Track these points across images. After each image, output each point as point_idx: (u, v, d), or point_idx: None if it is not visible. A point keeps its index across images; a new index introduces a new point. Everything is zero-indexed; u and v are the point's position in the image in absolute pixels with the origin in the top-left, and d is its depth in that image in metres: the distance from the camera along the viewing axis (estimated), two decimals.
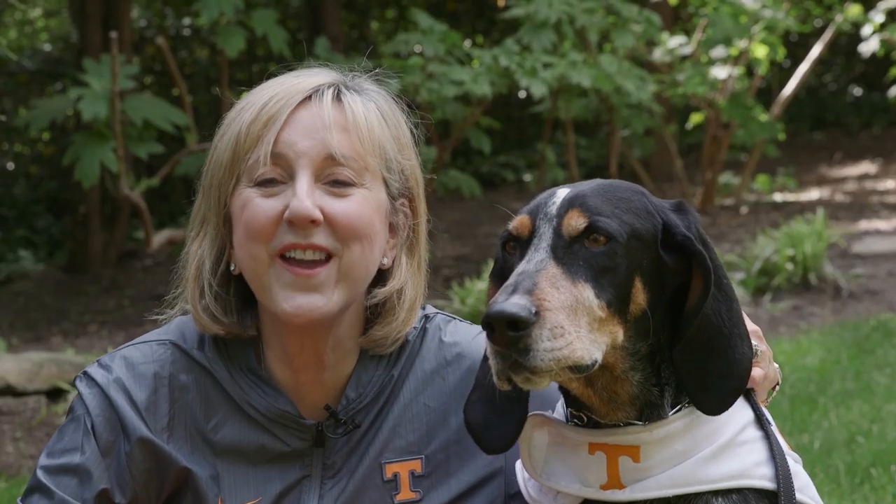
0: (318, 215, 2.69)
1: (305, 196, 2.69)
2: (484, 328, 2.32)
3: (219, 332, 2.86)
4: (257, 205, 2.73)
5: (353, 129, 2.76)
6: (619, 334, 2.44)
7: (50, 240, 18.33)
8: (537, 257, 2.41)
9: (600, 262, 2.42)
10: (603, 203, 2.48)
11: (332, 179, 2.74)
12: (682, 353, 2.49)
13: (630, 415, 2.54)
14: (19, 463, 7.42)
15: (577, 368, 2.35)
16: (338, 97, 2.80)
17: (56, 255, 17.66)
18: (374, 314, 2.90)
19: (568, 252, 2.43)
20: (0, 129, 19.38)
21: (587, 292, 2.39)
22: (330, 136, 2.74)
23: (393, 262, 2.90)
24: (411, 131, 2.94)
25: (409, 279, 2.91)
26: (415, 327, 2.98)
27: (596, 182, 2.57)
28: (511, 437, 2.63)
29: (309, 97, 2.78)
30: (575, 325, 2.35)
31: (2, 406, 8.51)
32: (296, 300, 2.72)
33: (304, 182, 2.71)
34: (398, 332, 2.90)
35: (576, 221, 2.45)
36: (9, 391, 8.65)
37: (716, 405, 2.50)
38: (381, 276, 2.88)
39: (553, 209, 2.48)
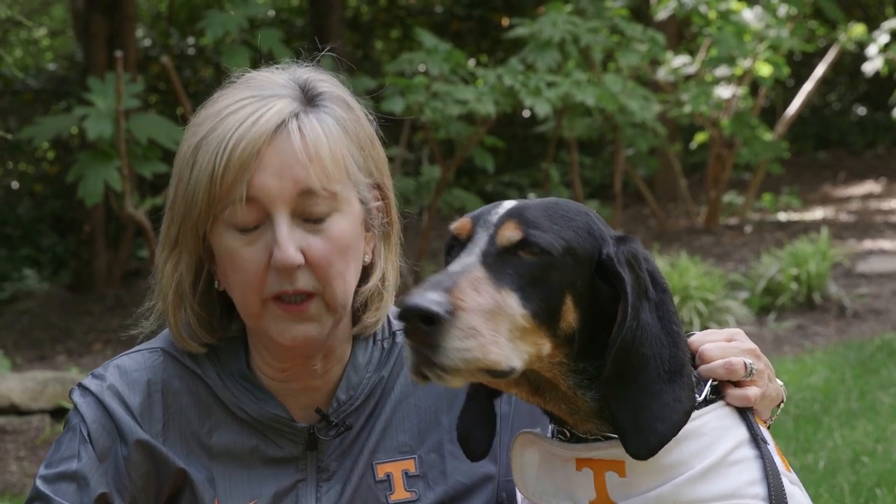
0: (300, 260, 2.73)
1: (287, 243, 2.72)
2: (400, 320, 2.35)
3: (200, 349, 2.91)
4: (242, 258, 2.76)
5: (316, 160, 2.77)
6: (546, 347, 2.43)
7: (54, 258, 18.33)
8: (467, 261, 2.43)
9: (531, 274, 2.42)
10: (542, 217, 2.48)
11: (308, 213, 2.77)
12: (607, 384, 2.46)
13: (602, 427, 2.53)
14: (23, 482, 7.42)
15: (492, 372, 2.36)
16: (299, 130, 2.80)
17: (60, 274, 17.67)
18: (364, 306, 2.96)
19: (498, 260, 2.43)
20: (4, 147, 19.41)
21: (511, 300, 2.39)
22: (299, 173, 2.76)
23: (373, 252, 2.95)
24: (370, 120, 2.95)
25: (388, 264, 2.98)
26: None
27: (544, 199, 2.58)
28: (486, 448, 2.68)
29: (275, 131, 2.78)
30: (492, 329, 2.35)
31: (6, 425, 8.50)
32: (291, 332, 2.77)
33: (283, 227, 2.74)
34: (385, 312, 2.98)
35: (511, 233, 2.45)
36: (13, 410, 8.65)
37: (642, 449, 2.45)
38: (364, 272, 2.93)
39: (493, 218, 2.49)
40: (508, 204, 2.54)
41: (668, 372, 2.48)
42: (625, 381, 2.46)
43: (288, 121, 2.80)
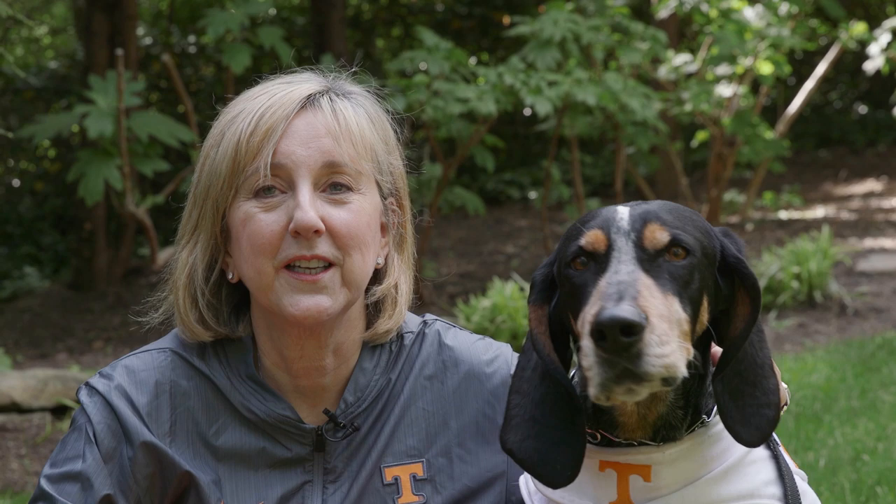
0: (321, 225, 2.74)
1: (309, 206, 2.73)
2: (593, 336, 2.27)
3: (207, 338, 2.90)
4: (260, 220, 2.77)
5: (346, 135, 2.81)
6: (692, 351, 2.40)
7: (55, 257, 18.33)
8: (625, 269, 2.38)
9: (682, 276, 2.41)
10: (675, 219, 2.48)
11: (332, 183, 2.79)
12: (724, 381, 2.47)
13: (647, 435, 2.54)
14: (24, 480, 7.42)
15: (669, 380, 2.31)
16: (331, 104, 2.84)
17: (61, 272, 17.65)
18: (377, 310, 2.97)
19: (653, 265, 2.41)
20: (6, 145, 19.41)
21: (676, 304, 2.38)
22: (326, 144, 2.79)
23: (386, 259, 2.96)
24: (394, 130, 3.00)
25: (401, 274, 2.99)
26: (412, 332, 3.03)
27: (656, 202, 2.55)
28: (576, 467, 2.55)
29: (304, 106, 2.82)
30: (673, 334, 2.33)
31: (7, 423, 8.50)
32: (303, 302, 2.76)
33: (305, 192, 2.75)
34: (398, 323, 2.98)
35: (660, 234, 2.43)
36: (14, 408, 8.65)
37: (756, 437, 2.48)
38: (377, 274, 2.94)
39: (625, 224, 2.45)
40: (624, 209, 2.50)
41: (762, 358, 2.51)
42: (735, 374, 2.48)
43: (319, 96, 2.85)
